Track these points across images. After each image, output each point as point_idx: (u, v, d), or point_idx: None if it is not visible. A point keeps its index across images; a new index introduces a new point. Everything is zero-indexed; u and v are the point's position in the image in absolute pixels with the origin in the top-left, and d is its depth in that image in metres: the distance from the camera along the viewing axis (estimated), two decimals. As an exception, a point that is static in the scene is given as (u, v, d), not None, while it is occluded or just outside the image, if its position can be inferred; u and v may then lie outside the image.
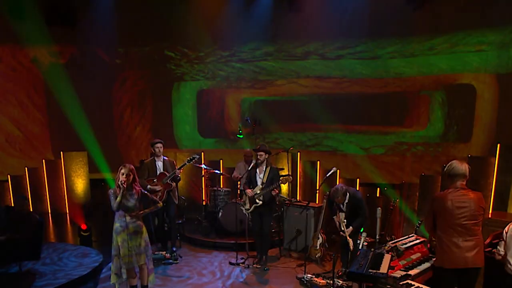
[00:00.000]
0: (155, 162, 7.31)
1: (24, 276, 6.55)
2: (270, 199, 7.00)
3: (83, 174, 11.32)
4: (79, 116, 11.70)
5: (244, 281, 6.55)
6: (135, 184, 5.27)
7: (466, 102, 10.50)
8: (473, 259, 4.09)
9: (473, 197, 4.16)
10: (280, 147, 10.99)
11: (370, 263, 4.21)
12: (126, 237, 5.18)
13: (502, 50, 9.57)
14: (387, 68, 11.05)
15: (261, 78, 12.26)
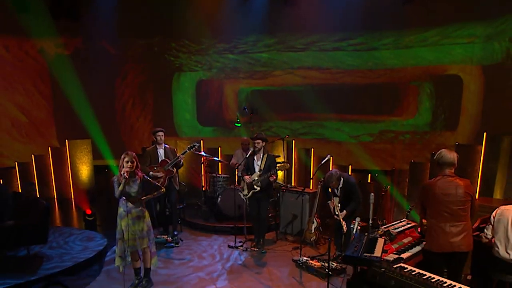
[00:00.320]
0: (157, 149, 7.24)
1: (32, 259, 6.49)
2: (267, 185, 6.96)
3: (87, 161, 11.23)
4: (84, 105, 11.63)
5: (243, 263, 6.51)
6: (137, 170, 5.19)
7: (453, 93, 10.49)
8: (459, 244, 4.07)
9: (461, 184, 4.12)
10: (276, 135, 10.95)
11: (364, 247, 4.17)
12: (129, 222, 5.13)
13: (487, 43, 9.56)
14: (379, 60, 11.00)
15: (258, 69, 12.19)
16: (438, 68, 10.55)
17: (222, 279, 5.88)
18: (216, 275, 6.03)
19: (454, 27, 9.93)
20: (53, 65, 12.04)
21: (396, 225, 5.11)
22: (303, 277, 5.97)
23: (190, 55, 12.64)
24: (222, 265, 6.41)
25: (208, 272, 6.14)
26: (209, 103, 12.89)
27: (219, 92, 12.79)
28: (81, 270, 6.32)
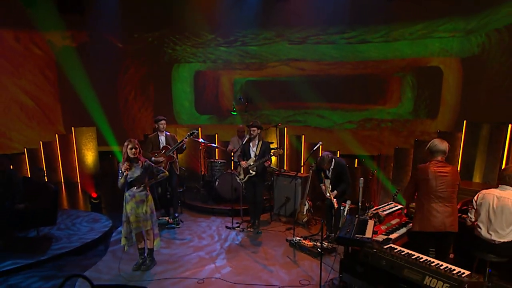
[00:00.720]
0: (158, 136, 7.12)
1: (41, 240, 6.40)
2: (262, 170, 6.88)
3: (93, 147, 11.08)
4: (89, 95, 11.62)
5: (240, 243, 6.45)
6: (140, 156, 5.13)
7: (434, 83, 10.49)
8: (451, 224, 4.12)
9: (451, 169, 4.22)
10: (269, 123, 10.88)
11: (356, 228, 4.12)
12: (134, 205, 5.09)
13: (466, 37, 9.59)
14: (366, 53, 10.96)
15: (252, 61, 12.06)
16: (420, 60, 10.55)
17: (221, 258, 5.81)
18: (215, 254, 5.97)
19: (438, 22, 9.92)
20: (60, 57, 12.01)
21: (385, 207, 5.04)
22: (297, 256, 5.92)
23: (189, 48, 12.47)
24: (221, 245, 6.35)
25: (208, 251, 6.08)
26: (206, 93, 12.77)
27: (215, 82, 12.66)
28: (88, 250, 6.24)
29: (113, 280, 5.08)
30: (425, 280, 3.15)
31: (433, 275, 3.13)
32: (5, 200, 6.30)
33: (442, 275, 3.09)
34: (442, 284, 3.06)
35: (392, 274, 3.37)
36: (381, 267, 3.45)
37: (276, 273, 5.31)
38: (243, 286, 4.96)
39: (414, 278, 3.22)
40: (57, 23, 11.38)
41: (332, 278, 5.07)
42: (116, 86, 12.70)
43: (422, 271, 3.20)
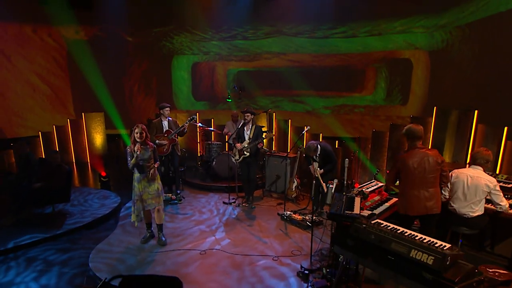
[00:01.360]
0: (162, 121, 6.87)
1: (56, 215, 6.18)
2: (255, 151, 6.71)
3: (101, 131, 10.77)
4: (99, 83, 11.44)
5: (236, 217, 6.31)
6: (148, 139, 4.93)
7: (405, 73, 10.45)
8: (432, 207, 3.92)
9: (431, 154, 3.94)
10: (260, 108, 10.75)
11: (345, 205, 3.99)
12: (146, 184, 4.92)
13: (433, 33, 9.56)
14: (347, 46, 10.83)
15: (244, 54, 11.81)
16: (393, 53, 10.45)
17: (220, 231, 5.67)
18: (214, 227, 5.82)
19: (413, 21, 9.89)
20: (72, 48, 11.74)
21: (368, 185, 4.94)
22: (288, 228, 5.81)
23: (188, 42, 12.16)
24: (219, 219, 6.20)
25: (208, 225, 5.93)
26: (202, 81, 12.48)
27: (210, 72, 12.39)
28: (99, 224, 6.05)
29: (124, 252, 4.91)
30: (411, 253, 3.03)
31: (418, 248, 3.01)
32: (23, 180, 6.06)
33: (427, 248, 2.97)
34: (427, 257, 2.94)
35: (380, 247, 3.25)
36: (370, 241, 3.31)
37: (270, 245, 5.19)
38: (241, 256, 4.83)
39: (401, 251, 3.10)
40: (68, 18, 11.10)
41: (320, 248, 4.98)
42: (122, 77, 12.38)
43: (408, 244, 3.07)
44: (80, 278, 4.36)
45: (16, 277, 4.40)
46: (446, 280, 2.83)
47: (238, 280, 4.26)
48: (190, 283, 4.18)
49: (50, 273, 4.46)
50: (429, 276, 2.91)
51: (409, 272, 3.04)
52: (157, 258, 4.74)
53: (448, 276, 2.85)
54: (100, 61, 11.41)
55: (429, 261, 2.93)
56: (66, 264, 4.68)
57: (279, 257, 4.82)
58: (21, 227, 5.64)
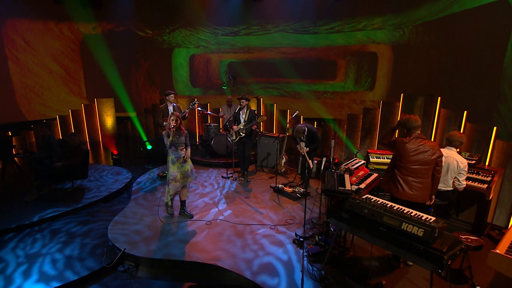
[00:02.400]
0: (168, 106, 6.41)
1: (76, 191, 5.75)
2: (250, 132, 6.38)
3: (111, 114, 10.18)
4: (111, 72, 11.04)
5: (235, 190, 6.02)
6: (182, 125, 4.59)
7: (372, 64, 10.28)
8: (419, 197, 3.42)
9: (432, 146, 3.34)
10: (250, 94, 10.41)
11: (337, 182, 3.75)
12: (179, 165, 4.58)
13: (396, 30, 9.38)
14: (326, 41, 10.52)
15: (237, 47, 11.29)
16: (364, 47, 10.19)
17: (221, 203, 5.38)
18: (217, 199, 5.53)
19: (376, 19, 9.65)
20: (87, 41, 11.15)
21: (352, 163, 4.71)
22: (280, 199, 5.57)
23: (187, 36, 11.52)
24: (220, 192, 5.91)
25: (211, 197, 5.63)
26: (199, 71, 11.92)
27: (205, 63, 11.83)
28: (114, 198, 5.67)
29: (138, 223, 4.57)
30: (402, 226, 2.83)
31: (408, 222, 2.81)
32: (44, 159, 5.58)
33: (416, 222, 2.77)
34: (417, 229, 2.75)
35: (373, 220, 3.04)
36: (364, 214, 3.10)
37: (267, 215, 4.95)
38: (242, 226, 4.58)
39: (392, 224, 2.90)
40: (82, 15, 10.67)
41: (311, 217, 4.77)
42: (131, 67, 11.71)
43: (399, 218, 2.87)
44: (100, 248, 4.04)
45: (42, 248, 4.04)
46: (435, 250, 2.65)
47: (242, 247, 4.02)
48: (200, 251, 3.92)
49: (73, 244, 4.12)
50: (419, 246, 2.72)
51: (400, 243, 2.85)
52: (169, 229, 4.43)
53: (437, 246, 2.68)
54: (112, 53, 10.93)
55: (419, 233, 2.74)
56: (87, 236, 4.34)
57: (276, 226, 4.59)
58: (44, 202, 5.23)
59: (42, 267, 3.65)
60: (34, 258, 3.81)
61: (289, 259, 3.81)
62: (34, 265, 3.68)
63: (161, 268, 3.78)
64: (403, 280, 3.49)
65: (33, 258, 3.82)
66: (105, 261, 3.74)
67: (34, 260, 3.77)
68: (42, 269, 3.61)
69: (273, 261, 3.76)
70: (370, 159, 5.13)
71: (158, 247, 3.96)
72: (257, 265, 3.67)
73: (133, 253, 3.84)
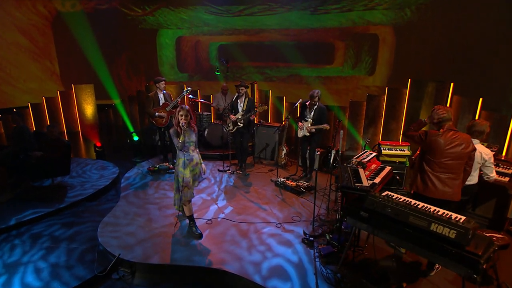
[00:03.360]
0: (158, 94, 6.12)
1: (57, 188, 5.44)
2: (248, 122, 6.17)
3: (91, 102, 9.74)
4: (94, 56, 10.52)
5: (233, 184, 5.83)
6: (192, 121, 3.92)
7: (373, 47, 10.12)
8: (453, 194, 3.26)
9: (465, 139, 3.18)
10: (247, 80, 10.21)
11: (353, 178, 3.60)
12: (191, 168, 4.03)
13: (398, 10, 9.21)
14: (317, 22, 10.28)
15: (226, 28, 10.93)
16: (364, 28, 10.02)
17: (221, 199, 5.19)
18: (215, 195, 5.33)
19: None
20: (65, 19, 10.61)
21: (363, 155, 4.57)
22: (283, 194, 5.42)
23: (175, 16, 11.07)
24: (218, 187, 5.70)
25: (209, 193, 5.42)
26: (186, 54, 11.53)
27: (194, 45, 11.43)
28: (100, 196, 5.39)
29: (131, 224, 4.34)
30: (432, 227, 2.70)
31: (438, 222, 2.68)
32: (19, 154, 5.23)
33: (447, 222, 2.64)
34: (448, 231, 2.62)
35: (397, 220, 2.91)
36: (386, 214, 2.97)
37: (271, 211, 4.80)
38: (246, 224, 4.41)
39: (420, 224, 2.77)
40: None
41: (318, 213, 4.64)
42: (113, 49, 11.16)
43: (427, 218, 2.74)
44: (90, 254, 3.80)
45: (22, 256, 3.76)
46: (470, 254, 2.54)
47: (248, 248, 3.86)
48: (203, 254, 3.74)
49: (59, 250, 3.86)
50: (451, 249, 2.61)
51: (428, 245, 2.74)
52: (166, 230, 4.22)
53: (471, 249, 2.57)
54: (94, 34, 10.43)
55: (451, 235, 2.62)
56: (73, 240, 4.08)
57: (281, 224, 4.44)
58: (21, 202, 4.90)
59: (24, 278, 3.39)
60: (14, 268, 3.55)
61: (299, 260, 3.67)
62: (14, 276, 3.42)
63: (160, 274, 3.59)
64: (424, 282, 3.40)
65: (12, 268, 3.55)
66: (97, 269, 3.52)
67: (14, 270, 3.51)
68: (25, 281, 3.36)
69: (282, 263, 3.62)
70: (382, 151, 5.00)
71: (156, 251, 3.75)
72: (266, 269, 3.52)
73: (128, 258, 3.63)
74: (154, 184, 5.66)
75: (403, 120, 6.77)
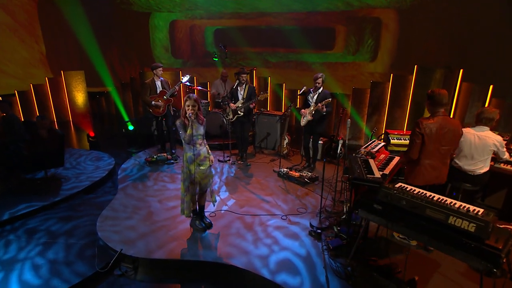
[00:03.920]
0: (155, 82, 5.97)
1: (51, 181, 5.31)
2: (248, 111, 6.07)
3: (82, 89, 9.52)
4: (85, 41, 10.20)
5: (235, 175, 5.77)
6: (200, 112, 3.69)
7: (375, 32, 9.99)
8: (442, 178, 3.51)
9: (456, 123, 3.38)
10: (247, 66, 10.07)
11: (364, 169, 3.55)
12: (198, 163, 3.75)
13: None
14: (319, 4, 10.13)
15: (225, 12, 10.71)
16: (364, 11, 9.89)
17: (223, 191, 5.13)
18: (216, 187, 5.26)
19: None
20: None
21: (371, 145, 4.52)
22: (287, 185, 5.38)
23: None
24: (219, 178, 5.64)
25: (210, 184, 5.35)
26: (181, 39, 11.29)
27: (189, 30, 11.19)
28: (97, 188, 5.29)
29: (131, 218, 4.27)
30: (449, 220, 2.68)
31: (457, 215, 2.64)
32: (9, 145, 5.08)
33: (466, 215, 2.61)
34: (467, 224, 2.59)
35: (413, 213, 2.87)
36: (402, 206, 2.93)
37: (275, 203, 4.75)
38: (250, 217, 4.37)
39: (437, 218, 2.74)
40: None
41: (324, 205, 4.61)
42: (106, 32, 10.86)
43: (445, 211, 2.70)
44: (90, 249, 3.73)
45: (19, 252, 3.68)
46: (490, 248, 2.52)
47: (254, 242, 3.82)
48: (208, 248, 3.69)
49: (57, 246, 3.78)
50: (471, 243, 2.59)
51: (446, 238, 2.71)
52: (168, 224, 4.16)
53: (491, 243, 2.55)
54: (85, 16, 10.15)
55: (470, 228, 2.59)
56: (71, 235, 4.00)
57: (287, 216, 4.41)
58: (13, 196, 4.79)
59: (22, 276, 3.32)
60: (11, 265, 3.47)
61: (307, 253, 3.65)
62: (11, 274, 3.35)
63: (164, 270, 3.54)
64: (436, 275, 3.40)
65: (9, 265, 3.47)
66: (99, 265, 3.45)
67: (11, 267, 3.43)
68: (23, 278, 3.29)
69: (290, 256, 3.59)
70: (390, 140, 4.96)
71: (159, 246, 3.70)
72: (274, 262, 3.49)
73: (131, 253, 3.57)
74: (153, 176, 5.57)
75: (408, 107, 6.73)
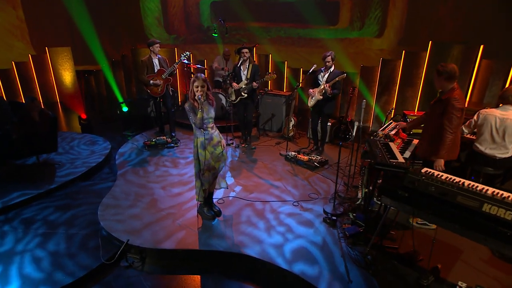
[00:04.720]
0: (152, 59, 5.74)
1: (44, 167, 5.14)
2: (252, 91, 5.88)
3: (69, 68, 9.18)
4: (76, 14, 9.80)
5: (239, 159, 5.66)
6: (209, 92, 3.56)
7: (382, 6, 9.76)
8: None
9: None
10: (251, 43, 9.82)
11: (386, 154, 3.46)
12: (212, 149, 3.66)
13: None
14: None
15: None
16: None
17: (228, 176, 5.02)
18: (222, 172, 5.13)
19: None
20: None
21: (389, 127, 4.42)
22: (295, 169, 5.29)
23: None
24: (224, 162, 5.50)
25: (214, 169, 5.24)
26: (175, 16, 10.91)
27: (183, 3, 10.80)
28: (93, 174, 5.14)
29: (134, 206, 4.16)
30: (484, 207, 2.61)
31: (492, 203, 2.58)
32: (-2, 129, 4.86)
33: (502, 203, 2.55)
34: (504, 212, 2.53)
35: (442, 200, 2.80)
36: (430, 193, 2.86)
37: (285, 189, 4.67)
38: (260, 203, 4.28)
39: (470, 205, 2.67)
40: None
41: (337, 190, 4.53)
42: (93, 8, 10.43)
43: (479, 198, 2.64)
44: (93, 240, 3.62)
45: (16, 244, 3.55)
46: (528, 236, 2.48)
47: (267, 230, 3.75)
48: (219, 237, 3.61)
49: (57, 237, 3.66)
50: (508, 232, 2.54)
51: (478, 226, 2.66)
52: (174, 212, 4.06)
53: (529, 231, 2.50)
54: None
55: (507, 216, 2.53)
56: (71, 225, 3.88)
57: (299, 202, 4.33)
58: (5, 184, 4.61)
59: (22, 269, 3.21)
60: (9, 258, 3.35)
61: (324, 242, 3.59)
62: (10, 267, 3.23)
63: (172, 260, 3.46)
64: (458, 263, 3.39)
65: (7, 258, 3.35)
66: (104, 256, 3.36)
67: (9, 260, 3.31)
68: (23, 272, 3.17)
69: (306, 245, 3.53)
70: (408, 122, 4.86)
71: (166, 235, 3.60)
72: (289, 251, 3.43)
73: (137, 244, 3.47)
74: (154, 160, 5.43)
75: (421, 87, 6.61)
